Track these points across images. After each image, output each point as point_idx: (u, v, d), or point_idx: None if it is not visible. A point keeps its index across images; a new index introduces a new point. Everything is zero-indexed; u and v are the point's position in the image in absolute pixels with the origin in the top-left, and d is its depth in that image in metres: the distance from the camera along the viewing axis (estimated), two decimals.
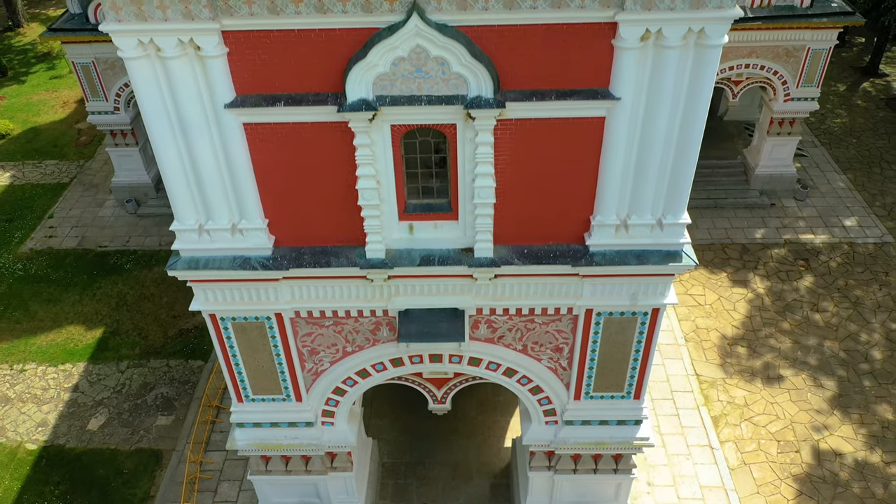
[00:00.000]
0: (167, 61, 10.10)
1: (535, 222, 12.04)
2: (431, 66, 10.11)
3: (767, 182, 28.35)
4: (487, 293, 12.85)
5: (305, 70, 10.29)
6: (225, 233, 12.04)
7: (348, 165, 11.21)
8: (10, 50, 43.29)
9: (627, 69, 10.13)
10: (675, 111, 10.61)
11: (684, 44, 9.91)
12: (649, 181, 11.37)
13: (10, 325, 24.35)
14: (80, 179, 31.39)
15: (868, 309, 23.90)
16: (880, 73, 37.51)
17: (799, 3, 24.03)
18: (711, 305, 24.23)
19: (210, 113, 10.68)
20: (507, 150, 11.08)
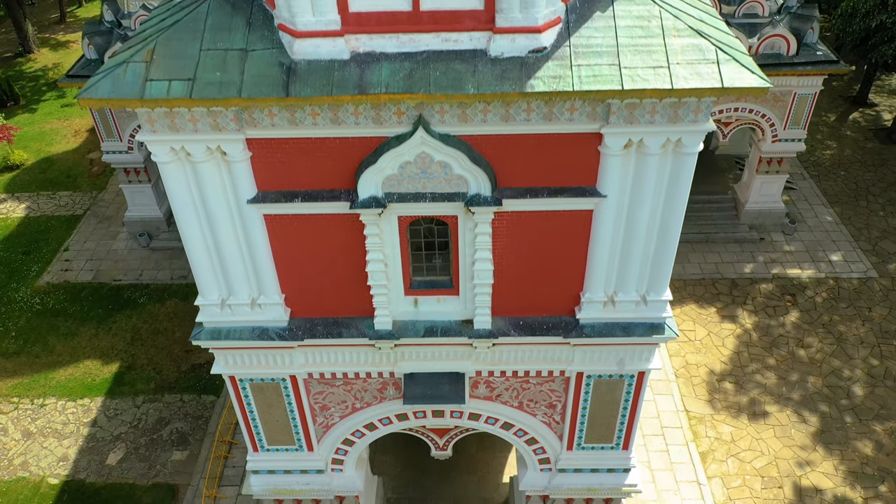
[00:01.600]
0: (196, 164, 11.19)
1: (530, 297, 13.11)
2: (435, 168, 11.20)
3: (757, 217, 29.42)
4: (486, 358, 13.93)
5: (321, 170, 11.37)
6: (245, 307, 13.11)
7: (358, 249, 12.28)
8: (21, 76, 44.36)
9: (612, 171, 11.22)
10: (655, 206, 11.70)
11: (664, 151, 10.98)
12: (634, 263, 12.45)
13: (30, 360, 25.43)
14: (93, 211, 32.46)
15: (851, 345, 24.97)
16: (869, 102, 38.57)
17: (785, 52, 25.13)
18: (701, 341, 25.30)
19: (234, 206, 11.77)
20: (504, 236, 12.16)
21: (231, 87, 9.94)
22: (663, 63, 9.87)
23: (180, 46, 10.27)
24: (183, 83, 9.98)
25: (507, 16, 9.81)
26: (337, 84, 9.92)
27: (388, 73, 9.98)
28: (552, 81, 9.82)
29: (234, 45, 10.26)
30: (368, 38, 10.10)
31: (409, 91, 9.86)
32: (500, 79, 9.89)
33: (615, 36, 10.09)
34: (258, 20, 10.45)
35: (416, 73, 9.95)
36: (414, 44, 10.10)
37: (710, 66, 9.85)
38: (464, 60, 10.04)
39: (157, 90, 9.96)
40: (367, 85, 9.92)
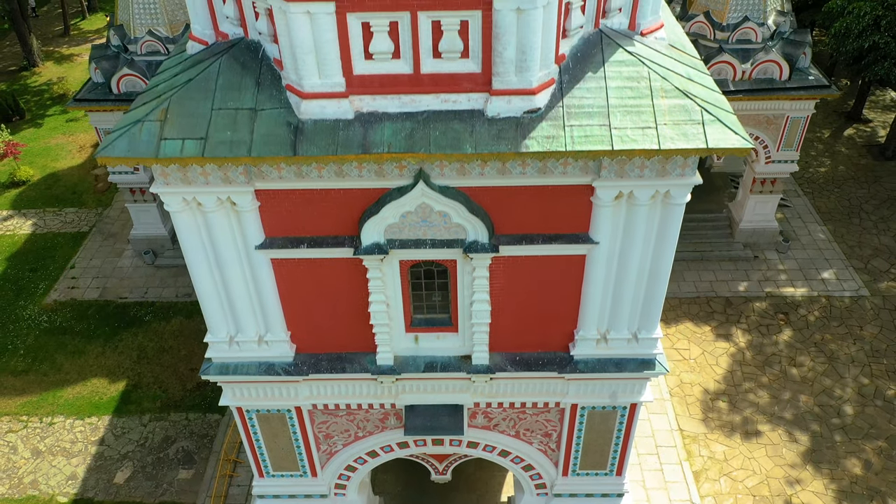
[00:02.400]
0: (207, 213, 11.74)
1: (527, 334, 13.65)
2: (435, 218, 11.73)
3: (751, 235, 29.95)
4: (484, 391, 14.46)
5: (326, 218, 11.91)
6: (252, 343, 13.65)
7: (361, 290, 12.82)
8: (26, 90, 44.90)
9: (604, 220, 11.76)
10: (646, 251, 12.24)
11: (653, 202, 11.53)
12: (625, 303, 12.99)
13: (39, 378, 25.96)
14: (99, 228, 33.00)
15: (842, 363, 25.50)
16: (864, 118, 39.09)
17: (778, 77, 25.67)
18: (695, 360, 25.84)
19: (242, 251, 12.31)
20: (501, 278, 12.69)
21: (241, 146, 10.47)
22: (651, 124, 10.41)
23: (193, 105, 10.81)
24: (195, 142, 10.51)
25: (504, 79, 10.35)
26: (342, 144, 10.45)
27: (390, 132, 10.52)
28: (546, 141, 10.36)
29: (243, 104, 10.79)
30: (372, 98, 10.64)
31: (411, 151, 10.39)
32: (497, 138, 10.43)
33: (606, 97, 10.63)
34: (266, 80, 10.98)
35: (417, 133, 10.48)
36: (415, 104, 10.63)
37: (696, 126, 10.38)
38: (462, 120, 10.57)
39: (171, 149, 10.49)
40: (371, 144, 10.45)
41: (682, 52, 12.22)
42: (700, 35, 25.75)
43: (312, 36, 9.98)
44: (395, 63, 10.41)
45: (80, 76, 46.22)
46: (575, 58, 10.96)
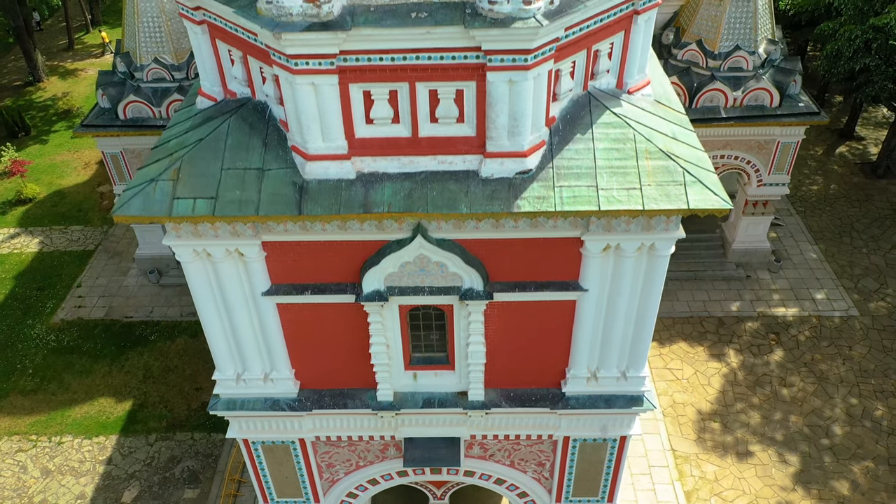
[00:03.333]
0: (216, 263, 12.38)
1: (520, 372, 14.28)
2: (432, 267, 12.36)
3: (743, 256, 30.57)
4: (480, 424, 15.08)
5: (329, 267, 12.55)
6: (258, 381, 14.29)
7: (362, 332, 13.46)
8: (31, 106, 45.53)
9: (593, 269, 12.39)
10: (633, 297, 12.86)
11: (639, 253, 12.15)
12: (614, 345, 13.62)
13: (47, 398, 26.59)
14: (104, 247, 33.63)
15: (831, 384, 26.11)
16: (856, 135, 39.70)
17: (769, 104, 26.29)
18: (688, 380, 26.46)
19: (249, 297, 12.94)
20: (496, 321, 13.32)
21: (249, 205, 11.11)
22: (636, 185, 11.04)
23: (203, 165, 11.45)
24: (206, 201, 11.15)
25: (497, 142, 10.99)
26: (344, 203, 11.09)
27: (390, 192, 11.15)
28: (537, 202, 10.99)
29: (251, 164, 11.43)
30: (372, 160, 11.28)
31: (409, 210, 11.03)
32: (490, 199, 11.06)
33: (594, 158, 11.26)
34: (273, 140, 11.62)
35: (416, 193, 11.12)
36: (413, 165, 11.27)
37: (678, 187, 11.01)
38: (458, 181, 11.21)
39: (184, 208, 11.13)
40: (372, 204, 11.09)
41: (668, 107, 12.85)
42: (693, 62, 26.37)
43: (317, 104, 10.62)
44: (394, 127, 11.05)
45: (85, 91, 46.91)
46: (565, 120, 11.59)
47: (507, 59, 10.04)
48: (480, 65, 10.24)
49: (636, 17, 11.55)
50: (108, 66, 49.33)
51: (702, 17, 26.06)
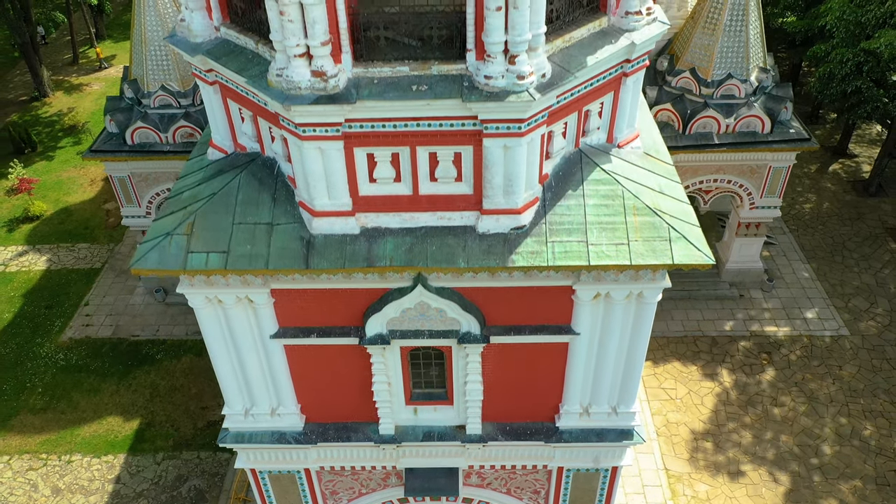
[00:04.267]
0: (227, 308, 13.04)
1: (516, 407, 14.96)
2: (432, 312, 13.03)
3: (737, 275, 31.24)
4: (477, 455, 15.76)
5: (333, 312, 13.22)
6: (265, 415, 14.96)
7: (365, 371, 14.13)
8: (38, 122, 46.20)
9: (584, 314, 13.06)
10: (623, 340, 13.54)
11: (628, 300, 12.82)
12: (605, 382, 14.29)
13: (57, 416, 27.26)
14: (111, 265, 34.30)
15: (821, 403, 26.78)
16: (849, 153, 40.34)
17: (760, 130, 26.96)
18: (682, 399, 27.12)
19: (258, 339, 13.62)
20: (492, 361, 14.00)
21: (259, 259, 11.78)
22: (624, 240, 11.71)
23: (216, 219, 12.12)
24: (219, 255, 11.82)
25: (492, 200, 11.66)
26: (349, 257, 11.76)
27: (392, 246, 11.83)
28: (530, 257, 11.66)
29: (261, 218, 12.11)
30: (375, 216, 11.95)
31: (410, 264, 11.70)
32: (487, 253, 11.73)
33: (584, 214, 11.94)
34: (281, 195, 12.30)
35: (416, 248, 11.79)
36: (414, 220, 11.94)
37: (664, 243, 11.69)
38: (456, 235, 11.88)
39: (198, 262, 11.80)
40: (375, 258, 11.76)
41: (656, 159, 13.51)
42: (686, 90, 27.03)
43: (323, 165, 11.29)
44: (396, 186, 11.72)
45: (90, 106, 47.60)
46: (557, 176, 12.27)
47: (503, 126, 10.71)
48: (477, 131, 10.91)
49: (625, 79, 12.22)
50: (111, 80, 50.15)
51: (695, 46, 26.73)
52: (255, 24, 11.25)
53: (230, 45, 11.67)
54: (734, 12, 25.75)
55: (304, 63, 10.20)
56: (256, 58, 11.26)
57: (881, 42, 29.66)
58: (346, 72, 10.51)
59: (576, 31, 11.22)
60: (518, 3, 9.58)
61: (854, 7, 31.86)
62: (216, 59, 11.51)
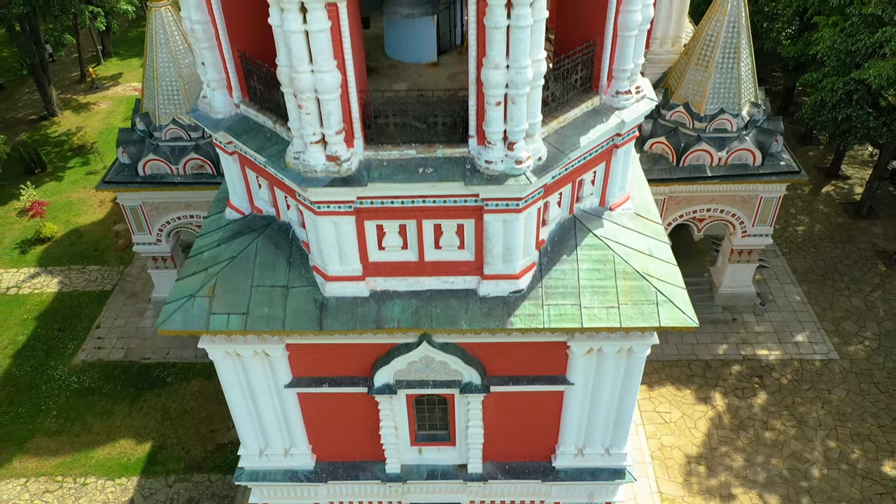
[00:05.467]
0: (245, 361, 13.97)
1: (514, 448, 15.89)
2: (436, 365, 13.96)
3: (730, 299, 32.15)
4: (478, 492, 16.69)
5: (344, 364, 14.16)
6: (279, 455, 15.89)
7: (373, 416, 15.06)
8: (47, 141, 47.10)
9: (578, 366, 13.99)
10: (614, 389, 14.47)
11: (619, 354, 13.75)
12: (598, 426, 15.22)
13: (71, 439, 28.16)
14: (121, 287, 35.21)
15: (810, 427, 27.68)
16: (842, 174, 41.24)
17: (752, 163, 27.88)
18: (675, 423, 28.02)
19: (273, 388, 14.55)
20: (493, 407, 14.93)
21: (276, 321, 12.70)
22: (615, 303, 12.63)
23: (235, 282, 13.05)
24: (239, 317, 12.75)
25: (493, 266, 12.58)
26: (359, 319, 12.69)
27: (399, 309, 12.75)
28: (527, 319, 12.59)
29: (277, 281, 13.03)
30: (384, 280, 12.88)
31: (416, 326, 12.64)
32: (487, 316, 12.66)
33: (578, 278, 12.86)
34: (296, 259, 13.22)
35: (422, 310, 12.72)
36: (420, 284, 12.87)
37: (651, 306, 12.60)
38: (458, 298, 12.80)
39: (219, 323, 12.73)
40: (384, 320, 12.69)
41: (646, 218, 14.42)
42: (680, 123, 27.94)
43: (336, 236, 12.22)
44: (403, 253, 12.65)
45: (98, 126, 48.53)
46: (553, 241, 13.19)
47: (502, 204, 11.65)
48: (478, 207, 11.84)
49: (616, 150, 13.15)
50: (119, 99, 51.09)
51: (689, 82, 27.64)
52: (273, 105, 12.16)
53: (249, 122, 12.58)
54: (726, 50, 26.67)
55: (320, 148, 11.12)
56: (274, 136, 12.18)
57: (870, 73, 30.55)
58: (358, 154, 11.44)
59: (570, 112, 12.14)
60: (516, 99, 10.50)
61: (844, 36, 32.77)
62: (237, 136, 12.42)
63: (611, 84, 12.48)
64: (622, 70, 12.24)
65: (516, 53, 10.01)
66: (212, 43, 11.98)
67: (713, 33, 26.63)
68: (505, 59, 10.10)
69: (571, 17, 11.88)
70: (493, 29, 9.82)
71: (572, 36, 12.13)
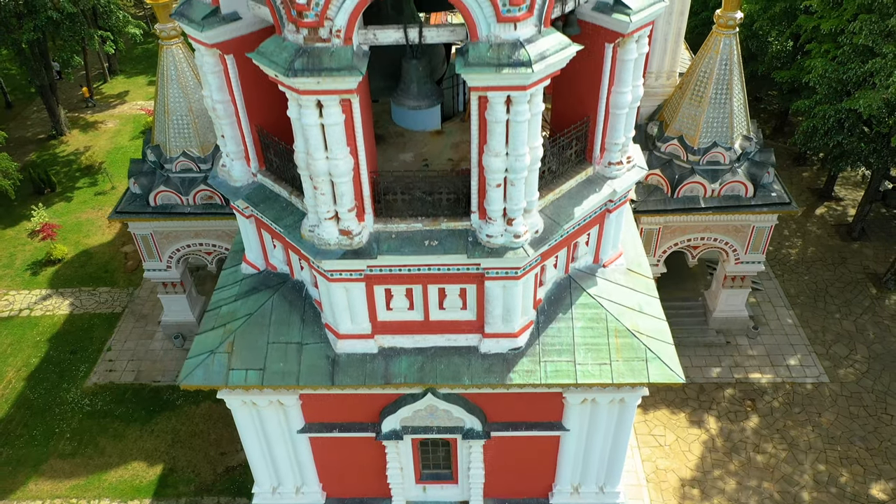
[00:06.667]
0: (260, 409, 14.88)
1: (513, 486, 16.81)
2: (440, 413, 14.87)
3: (723, 323, 33.05)
4: None
5: (353, 411, 15.07)
6: (291, 493, 16.81)
7: (380, 457, 15.98)
8: (55, 161, 48.01)
9: (573, 415, 14.90)
10: (607, 434, 15.38)
11: (611, 404, 14.65)
12: (592, 467, 16.14)
13: (85, 461, 29.06)
14: (131, 309, 36.12)
15: (801, 450, 28.57)
16: (835, 196, 42.14)
17: (744, 195, 28.77)
18: (670, 446, 28.92)
19: (286, 433, 15.46)
20: (493, 450, 15.84)
21: (291, 376, 13.61)
22: (607, 360, 13.54)
23: (252, 339, 13.96)
24: (256, 372, 13.66)
25: (493, 326, 13.48)
26: (368, 374, 13.60)
27: (405, 365, 13.66)
28: (525, 375, 13.49)
29: (292, 338, 13.94)
30: (391, 337, 13.79)
31: (422, 381, 13.56)
32: (488, 371, 13.57)
33: (572, 336, 13.77)
34: (309, 316, 14.13)
35: (427, 366, 13.63)
36: (425, 341, 13.78)
37: (641, 363, 13.52)
38: (461, 355, 13.71)
39: (238, 378, 13.64)
40: (391, 375, 13.60)
41: (638, 273, 15.33)
42: (675, 156, 28.83)
43: (347, 299, 13.12)
44: (409, 313, 13.56)
45: (106, 145, 49.44)
46: (549, 300, 14.10)
47: (502, 272, 12.55)
48: (480, 274, 12.75)
49: (608, 214, 14.05)
50: (125, 118, 52.01)
51: (683, 116, 28.54)
52: (289, 177, 13.07)
53: (266, 191, 13.49)
54: (719, 87, 27.57)
55: (333, 223, 12.03)
56: (290, 206, 13.09)
57: (860, 103, 31.46)
58: (369, 227, 12.35)
59: (565, 184, 13.04)
60: (515, 182, 11.41)
61: (836, 65, 33.71)
62: (255, 205, 13.33)
63: (603, 155, 13.38)
64: (614, 143, 13.14)
65: (515, 143, 10.92)
66: (231, 120, 12.88)
67: (707, 70, 27.52)
68: (504, 148, 11.00)
69: (566, 95, 12.77)
70: (493, 123, 10.72)
71: (567, 113, 13.03)
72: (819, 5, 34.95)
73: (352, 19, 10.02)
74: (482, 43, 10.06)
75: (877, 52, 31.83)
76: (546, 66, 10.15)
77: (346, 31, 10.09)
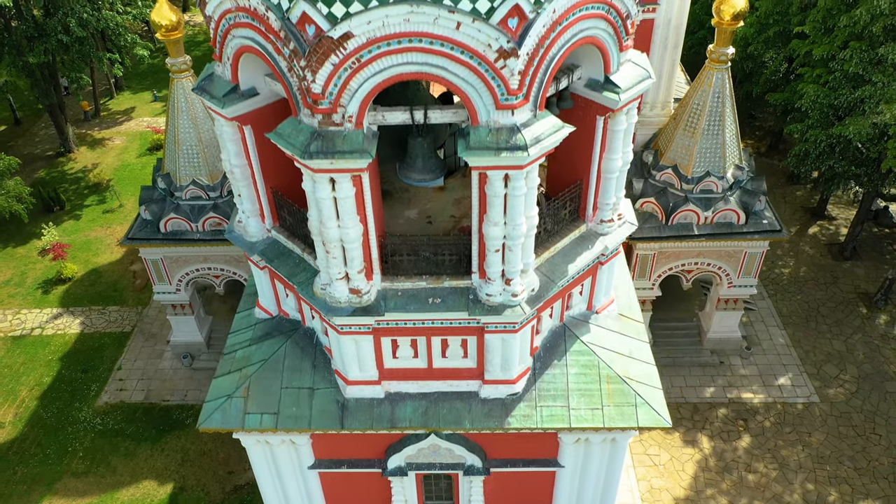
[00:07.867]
0: (273, 447, 15.81)
1: None
2: (443, 451, 15.80)
3: (717, 344, 33.98)
4: None
5: (361, 449, 15.99)
6: None
7: (386, 491, 16.90)
8: (63, 178, 48.95)
9: (568, 451, 15.82)
10: (600, 469, 16.31)
11: (603, 443, 15.58)
12: (587, 499, 17.05)
13: (97, 480, 29.99)
14: (140, 328, 37.07)
15: (791, 470, 29.49)
16: (828, 215, 43.05)
17: (736, 221, 29.70)
18: (664, 465, 29.85)
19: (297, 468, 16.39)
20: (493, 484, 16.76)
21: (303, 420, 14.54)
22: (599, 405, 14.46)
23: (267, 384, 14.89)
24: (271, 416, 14.59)
25: (492, 373, 14.41)
26: (375, 419, 14.52)
27: (410, 410, 14.58)
28: (523, 419, 14.42)
29: (304, 383, 14.87)
30: (397, 383, 14.72)
31: (425, 425, 14.47)
32: (488, 416, 14.49)
33: (567, 382, 14.69)
34: (320, 362, 15.06)
35: (430, 411, 14.55)
36: (428, 387, 14.71)
37: (631, 408, 14.43)
38: (462, 399, 14.64)
39: (253, 422, 14.57)
40: (397, 419, 14.52)
41: (629, 318, 16.24)
42: (669, 184, 29.76)
43: (356, 350, 14.04)
44: (414, 361, 14.48)
45: (113, 162, 50.39)
46: (545, 347, 15.03)
47: (500, 326, 13.47)
48: (480, 327, 13.67)
49: (601, 267, 14.98)
50: (132, 134, 52.93)
51: (677, 145, 29.47)
52: (302, 235, 13.99)
53: (280, 247, 14.41)
54: (712, 118, 28.49)
55: (344, 283, 12.95)
56: (302, 262, 14.01)
57: (850, 129, 32.39)
58: (376, 286, 13.27)
59: (560, 242, 13.96)
60: (512, 248, 12.33)
61: (828, 90, 34.65)
62: (269, 261, 14.26)
63: (595, 214, 14.30)
64: (606, 203, 14.06)
65: (513, 214, 11.84)
66: (248, 182, 13.80)
67: (700, 103, 28.44)
68: (503, 218, 11.92)
69: (562, 161, 13.67)
70: (492, 196, 11.65)
71: (562, 175, 13.95)
72: (812, 31, 35.87)
73: (363, 106, 10.94)
74: (482, 128, 10.98)
75: (867, 80, 32.77)
76: (541, 148, 11.08)
77: (357, 116, 11.01)
